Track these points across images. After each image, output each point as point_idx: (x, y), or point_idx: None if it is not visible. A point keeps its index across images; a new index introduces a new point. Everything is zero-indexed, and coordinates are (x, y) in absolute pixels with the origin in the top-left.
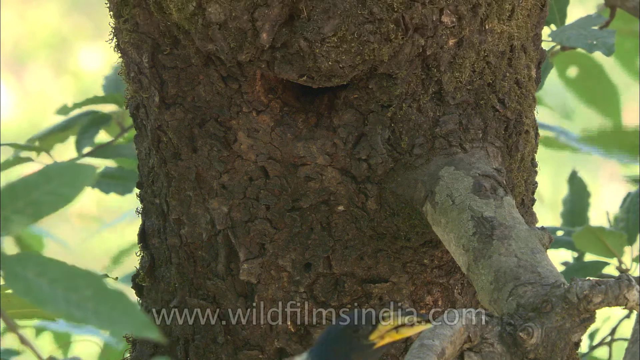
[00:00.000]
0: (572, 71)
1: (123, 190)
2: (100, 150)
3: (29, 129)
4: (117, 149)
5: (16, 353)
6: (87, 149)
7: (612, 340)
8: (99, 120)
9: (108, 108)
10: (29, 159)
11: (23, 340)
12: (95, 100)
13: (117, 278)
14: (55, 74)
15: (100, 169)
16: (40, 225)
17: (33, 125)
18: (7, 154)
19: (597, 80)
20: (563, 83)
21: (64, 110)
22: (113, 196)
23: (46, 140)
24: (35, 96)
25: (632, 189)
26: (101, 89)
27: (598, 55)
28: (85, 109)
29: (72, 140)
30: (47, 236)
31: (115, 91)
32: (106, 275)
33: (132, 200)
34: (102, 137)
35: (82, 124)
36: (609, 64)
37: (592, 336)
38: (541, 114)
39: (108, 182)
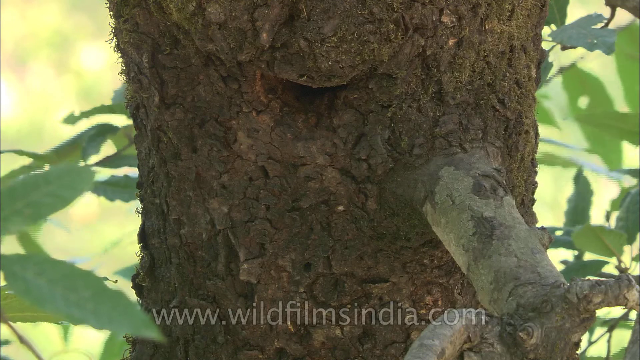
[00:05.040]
0: (583, 101)
1: (128, 198)
2: (108, 161)
3: (30, 128)
4: (124, 159)
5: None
6: (93, 157)
7: (610, 336)
8: (106, 129)
9: (116, 119)
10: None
11: (21, 339)
12: (103, 109)
13: (116, 281)
14: (57, 73)
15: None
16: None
17: (34, 124)
18: (9, 159)
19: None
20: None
21: (70, 119)
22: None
23: (57, 154)
24: (37, 95)
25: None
26: (104, 92)
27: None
28: (92, 118)
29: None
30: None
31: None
32: (106, 278)
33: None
34: (109, 149)
35: (89, 135)
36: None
37: (591, 330)
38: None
39: (113, 189)
